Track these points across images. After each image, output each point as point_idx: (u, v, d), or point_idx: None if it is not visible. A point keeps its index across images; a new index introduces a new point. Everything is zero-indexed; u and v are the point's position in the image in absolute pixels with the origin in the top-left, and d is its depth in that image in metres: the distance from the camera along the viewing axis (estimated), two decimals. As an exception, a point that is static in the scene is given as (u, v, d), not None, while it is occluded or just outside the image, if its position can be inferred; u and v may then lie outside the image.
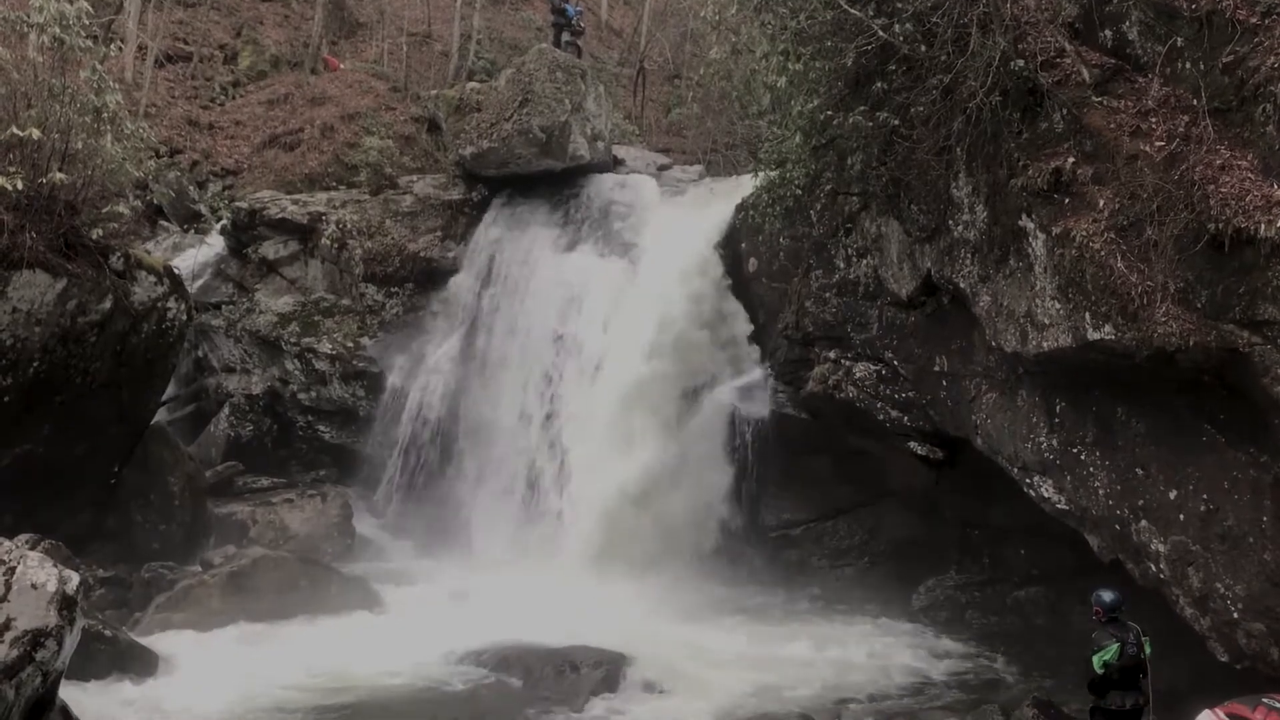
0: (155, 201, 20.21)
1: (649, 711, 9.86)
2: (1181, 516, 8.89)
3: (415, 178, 18.37)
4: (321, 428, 16.79)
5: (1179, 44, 8.85)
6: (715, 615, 12.63)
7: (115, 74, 16.89)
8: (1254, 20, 8.35)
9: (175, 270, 14.36)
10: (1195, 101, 8.63)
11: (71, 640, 7.25)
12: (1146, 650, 7.78)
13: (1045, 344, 9.47)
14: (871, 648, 11.85)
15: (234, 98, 23.73)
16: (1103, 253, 8.76)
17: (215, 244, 18.58)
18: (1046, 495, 10.33)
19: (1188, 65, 8.80)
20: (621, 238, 16.14)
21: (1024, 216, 9.59)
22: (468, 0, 25.72)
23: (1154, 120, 8.90)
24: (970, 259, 10.65)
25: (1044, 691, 10.36)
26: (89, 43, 12.52)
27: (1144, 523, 9.23)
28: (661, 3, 30.16)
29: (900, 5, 10.18)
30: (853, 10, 10.27)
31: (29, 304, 11.80)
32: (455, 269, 16.94)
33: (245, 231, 17.88)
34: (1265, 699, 7.11)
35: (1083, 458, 9.81)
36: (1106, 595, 7.83)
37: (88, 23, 12.55)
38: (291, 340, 16.83)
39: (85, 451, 12.53)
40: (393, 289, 17.02)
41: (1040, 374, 10.06)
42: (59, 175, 11.84)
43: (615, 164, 18.61)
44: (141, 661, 9.78)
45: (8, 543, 7.24)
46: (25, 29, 12.29)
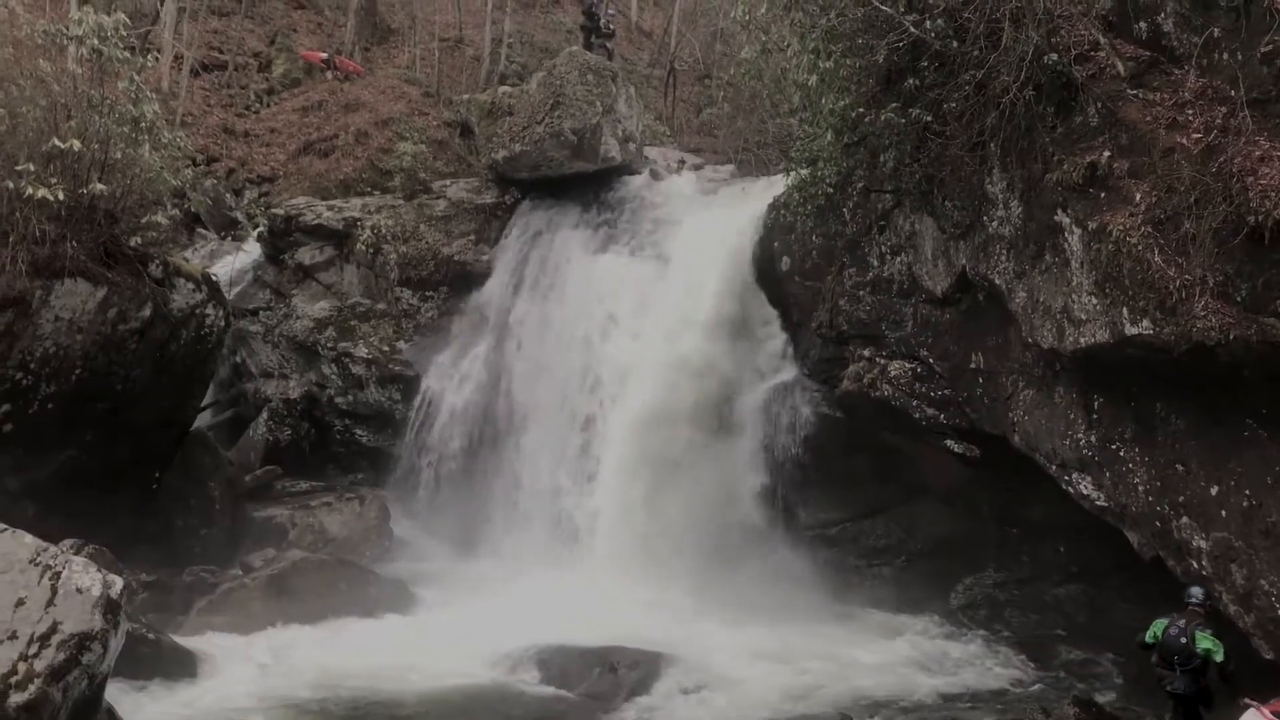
0: (193, 209, 20.46)
1: (687, 712, 9.88)
2: (1223, 512, 8.79)
3: (448, 182, 18.48)
4: (358, 431, 16.91)
5: (1216, 34, 8.74)
6: (752, 615, 12.60)
7: (152, 84, 17.09)
8: (1292, 9, 8.24)
9: (213, 277, 14.53)
10: (1233, 92, 8.52)
11: (116, 643, 7.36)
12: (1198, 645, 8.07)
13: (1082, 340, 9.38)
14: (910, 647, 11.80)
15: (268, 105, 23.98)
16: (1140, 247, 8.67)
17: (252, 251, 18.78)
18: (1085, 492, 10.24)
19: (1225, 56, 8.69)
20: (653, 238, 16.14)
21: (1059, 211, 9.52)
22: (498, 5, 25.84)
23: (1191, 112, 8.80)
24: (1005, 255, 10.57)
25: (1084, 690, 10.28)
26: (126, 54, 12.70)
27: (1185, 519, 9.13)
28: (691, 3, 30.16)
29: (932, 1, 10.12)
30: (884, 7, 10.23)
31: (70, 312, 11.98)
32: (488, 272, 17.02)
33: (281, 238, 18.06)
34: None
35: (1121, 454, 9.72)
36: (1193, 588, 8.55)
37: (125, 34, 12.73)
38: (328, 345, 16.97)
39: (127, 457, 12.70)
40: (427, 293, 17.12)
41: (1078, 370, 9.97)
42: (99, 185, 12.01)
43: (647, 164, 18.64)
44: (184, 664, 9.89)
45: (53, 548, 7.36)
46: (65, 41, 12.49)
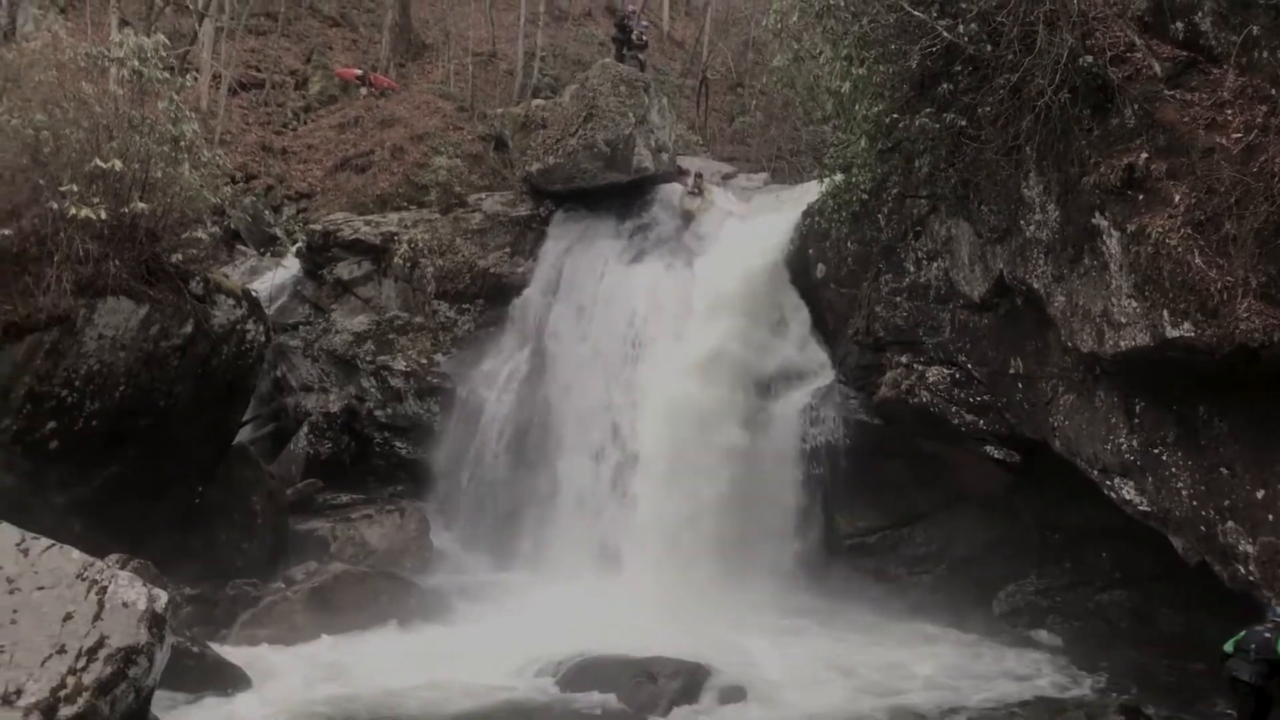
0: (232, 226, 20.72)
1: (732, 720, 9.83)
2: (1270, 517, 8.66)
3: (484, 195, 18.60)
4: (398, 444, 17.01)
5: (1255, 33, 8.65)
6: (792, 624, 12.56)
7: (191, 103, 17.34)
8: (1332, 5, 8.14)
9: (253, 293, 14.69)
10: (1273, 91, 8.44)
11: (162, 657, 7.44)
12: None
13: (1123, 343, 9.29)
14: (952, 655, 11.69)
15: (305, 122, 24.26)
16: (1180, 249, 8.59)
17: (291, 266, 18.98)
18: (1128, 497, 10.12)
19: (1265, 54, 8.60)
20: (687, 248, 16.16)
21: (1097, 214, 9.44)
22: (531, 19, 26.00)
23: (1230, 112, 8.71)
24: (1043, 259, 10.50)
25: (1131, 697, 10.15)
26: (166, 74, 12.90)
27: (1230, 524, 9.00)
28: (723, 12, 30.20)
29: (965, 6, 10.09)
30: (916, 12, 10.20)
31: (114, 330, 12.16)
32: (524, 284, 17.09)
33: (320, 253, 18.23)
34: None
35: (1164, 458, 9.61)
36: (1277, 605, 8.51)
37: (164, 55, 12.93)
38: (367, 358, 17.11)
39: (170, 472, 12.85)
40: (464, 305, 17.22)
41: (1118, 374, 9.87)
42: (140, 204, 12.19)
43: (680, 174, 18.67)
44: (229, 676, 9.96)
45: (99, 562, 7.46)
46: (106, 64, 12.70)
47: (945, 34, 10.01)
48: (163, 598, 7.50)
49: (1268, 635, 8.20)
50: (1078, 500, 11.82)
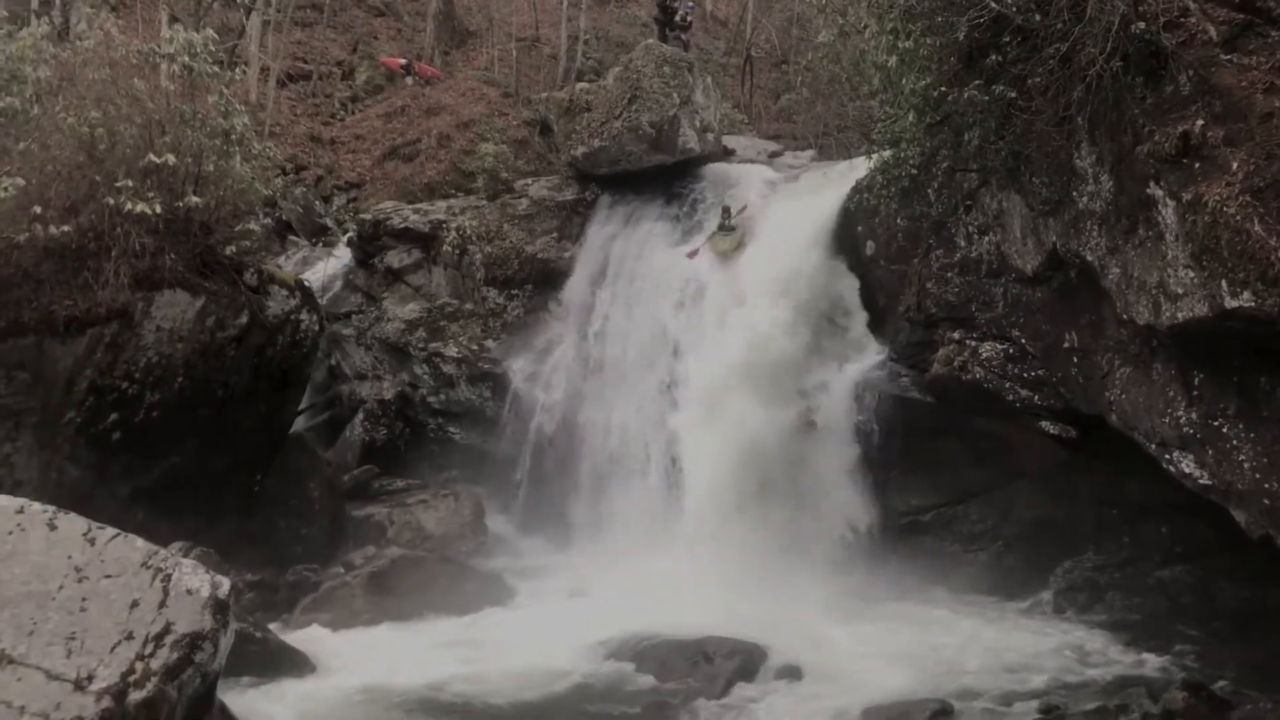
0: (284, 218, 20.97)
1: (788, 700, 9.83)
2: (1335, 488, 8.49)
3: (530, 181, 18.66)
4: (451, 429, 17.18)
5: (1313, -7, 8.44)
6: (847, 603, 12.52)
7: (241, 96, 17.55)
8: (1394, -37, 7.92)
9: (306, 283, 14.88)
10: (1333, 53, 8.22)
11: (226, 642, 7.59)
12: None
13: (1180, 315, 9.13)
14: (1009, 633, 11.61)
15: (353, 112, 24.47)
16: (1238, 217, 8.41)
17: (343, 256, 19.19)
18: (1187, 471, 9.96)
19: (1323, 15, 8.39)
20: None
21: (1152, 184, 9.27)
22: (574, 2, 25.98)
23: (1289, 75, 8.51)
24: (1097, 231, 10.34)
25: (1193, 674, 10.02)
26: (215, 68, 13.07)
27: (1295, 496, 8.84)
28: (766, -11, 29.98)
29: (1012, -25, 9.93)
30: (962, -17, 10.06)
31: (171, 322, 12.38)
32: (571, 268, 17.13)
33: (370, 242, 18.41)
34: None
35: (1225, 431, 9.44)
36: None
37: (213, 49, 13.10)
38: (419, 346, 17.27)
39: (229, 461, 13.08)
40: (513, 291, 17.30)
41: (1176, 346, 9.71)
42: (194, 198, 12.39)
43: (725, 154, 18.59)
44: (292, 661, 10.14)
45: (163, 551, 7.60)
46: (157, 60, 12.90)
47: (993, 4, 9.85)
48: (225, 584, 7.64)
49: None
50: (1135, 475, 11.66)
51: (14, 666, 6.58)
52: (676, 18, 19.81)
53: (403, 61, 25.06)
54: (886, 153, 12.14)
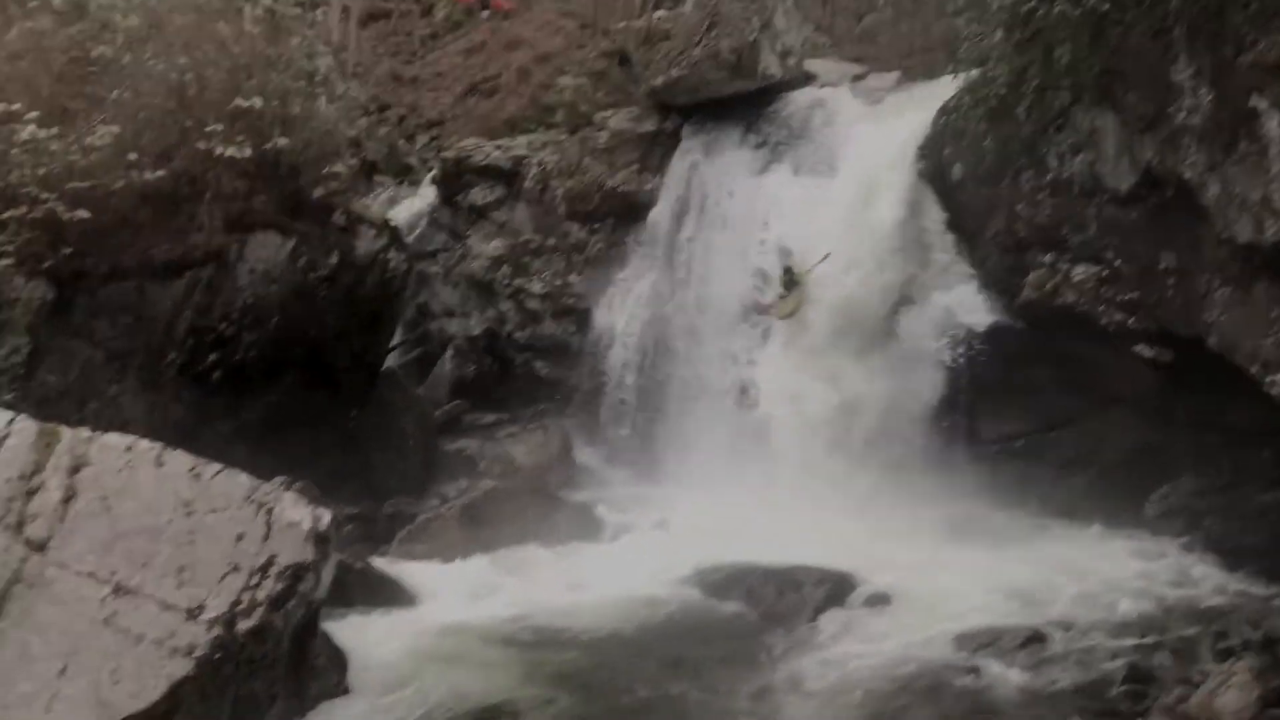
0: (369, 158, 21.18)
1: (878, 626, 9.84)
2: None
3: (610, 113, 18.52)
4: (538, 364, 17.37)
5: None
6: (937, 531, 12.45)
7: (323, 38, 17.70)
8: None
9: (393, 223, 15.09)
10: None
11: (328, 573, 7.86)
12: None
13: (1284, 232, 8.81)
14: (1103, 560, 11.44)
15: (433, 50, 24.47)
16: (1347, 128, 8.06)
17: (427, 195, 19.37)
18: (1292, 393, 9.68)
19: None
20: (818, 154, 15.83)
21: (1255, 96, 8.90)
22: (650, -73, 25.51)
23: (1404, -25, 8.07)
24: (1195, 147, 9.97)
25: (1296, 600, 9.83)
26: (297, 11, 13.20)
27: (1405, 418, 8.53)
28: (847, -94, 29.07)
29: (1104, -120, 9.52)
30: (1052, -108, 9.68)
31: (264, 264, 12.67)
32: (652, 201, 17.05)
33: (453, 180, 18.54)
34: None
35: (1332, 351, 9.14)
36: None
37: (294, -8, 13.22)
38: (504, 282, 17.44)
39: (326, 398, 13.43)
40: (594, 225, 17.31)
41: (1279, 264, 9.38)
42: (281, 140, 12.59)
43: (807, 79, 18.23)
44: (391, 591, 10.45)
45: (265, 485, 7.87)
46: (241, 4, 13.05)
47: (1085, -88, 9.49)
48: (326, 517, 7.89)
49: None
50: (1235, 398, 11.32)
51: (130, 596, 6.91)
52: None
53: None
54: (974, 72, 11.82)
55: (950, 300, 13.93)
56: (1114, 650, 8.88)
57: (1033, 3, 10.29)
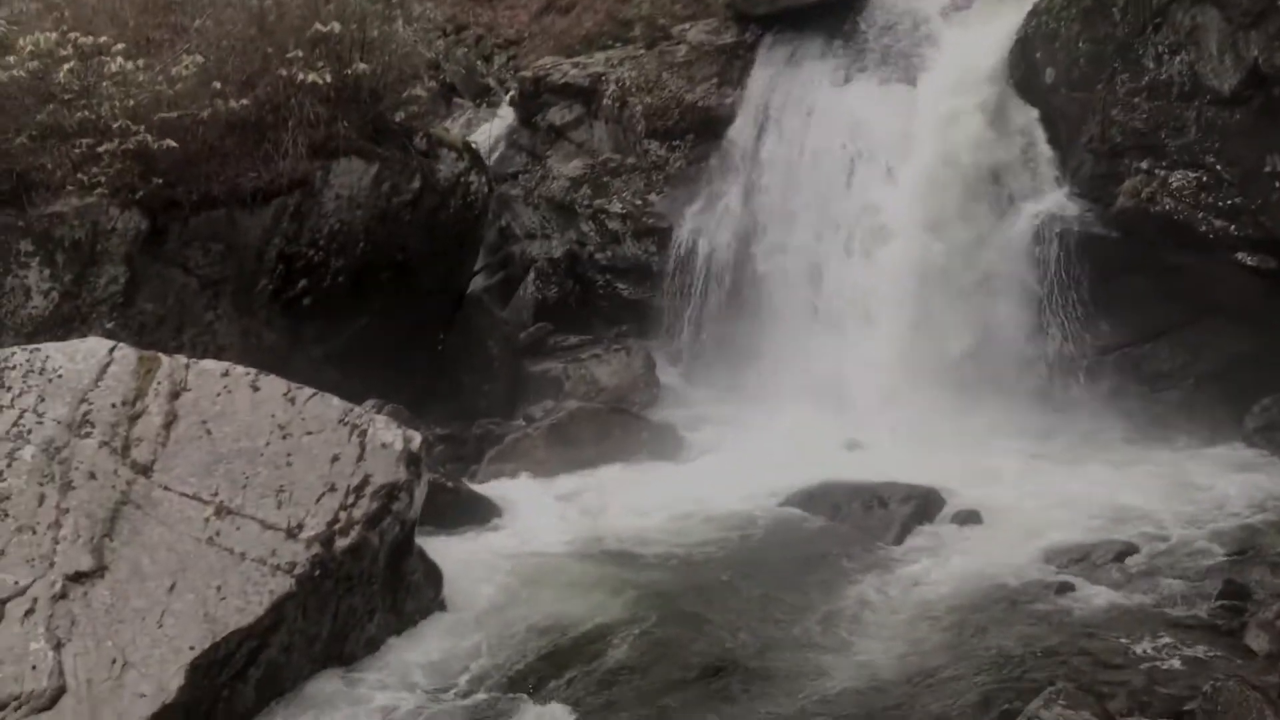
0: (447, 80, 21.17)
1: (967, 543, 9.79)
2: None
3: (687, 25, 18.18)
4: (619, 285, 17.36)
5: None
6: (1027, 448, 12.31)
7: (398, -41, 17.58)
8: None
9: (473, 145, 15.10)
10: None
11: (420, 492, 8.04)
12: None
13: (1401, 130, 8.37)
14: (1200, 474, 11.19)
15: (508, -34, 24.17)
16: None
17: (506, 116, 19.30)
18: (1405, 301, 9.28)
19: None
20: (903, 62, 15.38)
21: (1371, -15, 8.41)
22: None
23: None
24: (1305, 42, 9.49)
25: (1406, 514, 9.53)
26: (372, -68, 13.13)
27: None
28: None
29: None
30: None
31: (349, 190, 12.80)
32: (732, 115, 16.76)
33: (531, 100, 18.43)
34: None
35: None
36: None
37: (369, -88, 13.13)
38: (584, 203, 17.37)
39: (412, 322, 13.62)
40: (674, 143, 17.10)
41: (1394, 165, 8.94)
42: (361, 65, 12.62)
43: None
44: (482, 509, 10.68)
45: (357, 408, 8.05)
46: (316, -72, 13.02)
47: None
48: (417, 438, 8.06)
49: None
50: (1345, 307, 10.94)
51: (232, 516, 7.16)
52: None
53: None
54: (1067, -29, 11.35)
55: (1042, 210, 13.55)
56: (1209, 566, 8.72)
57: (1131, -106, 9.81)
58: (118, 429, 7.44)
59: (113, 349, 7.93)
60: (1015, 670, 7.08)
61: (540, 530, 10.24)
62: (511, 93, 19.25)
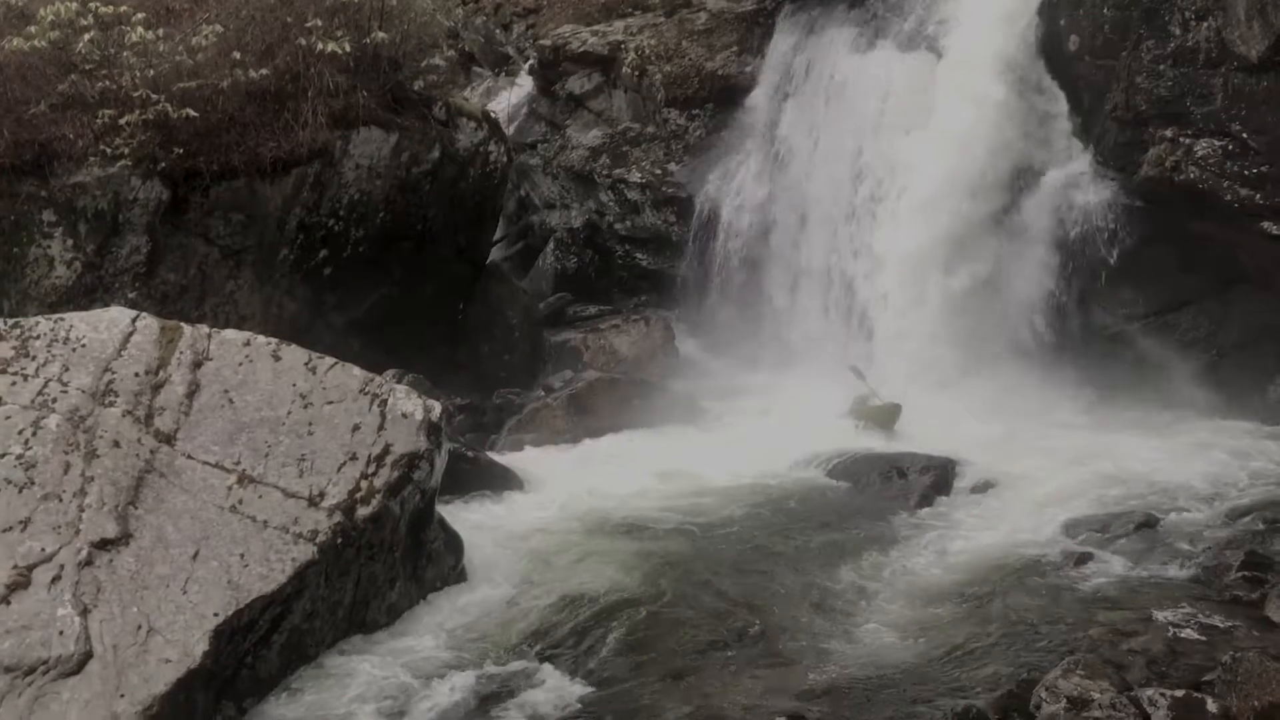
0: (466, 49, 21.08)
1: (986, 512, 9.79)
2: None
3: (709, -9, 18.05)
4: (639, 255, 17.34)
5: None
6: (1047, 417, 12.28)
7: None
8: None
9: (492, 114, 15.06)
10: None
11: (440, 461, 8.10)
12: None
13: None
14: (1221, 446, 11.13)
15: (526, -67, 24.01)
16: None
17: (525, 85, 19.23)
18: None
19: None
20: (924, 29, 15.20)
21: (1404, -51, 8.26)
22: None
23: None
24: (1335, 7, 9.35)
25: None
26: (391, -100, 13.05)
27: None
28: None
29: None
30: None
31: (369, 159, 12.80)
32: (753, 84, 16.66)
33: (550, 69, 18.35)
34: None
35: None
36: None
37: (387, -121, 13.05)
38: (603, 173, 17.32)
39: (433, 292, 13.65)
40: (694, 111, 17.02)
41: None
42: (380, 34, 12.59)
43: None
44: (502, 478, 10.73)
45: (378, 378, 8.09)
46: (335, -104, 12.96)
47: None
48: (437, 408, 8.10)
49: None
50: (1372, 277, 10.83)
51: (255, 485, 7.22)
52: None
53: None
54: (1093, -64, 11.19)
55: (1064, 178, 13.45)
56: (1230, 537, 8.68)
57: None
58: (141, 398, 7.51)
59: (135, 318, 7.99)
60: (1033, 640, 7.10)
61: (559, 500, 10.28)
62: (530, 61, 19.19)
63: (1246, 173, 11.58)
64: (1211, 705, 5.79)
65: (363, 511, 7.29)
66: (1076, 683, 5.93)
